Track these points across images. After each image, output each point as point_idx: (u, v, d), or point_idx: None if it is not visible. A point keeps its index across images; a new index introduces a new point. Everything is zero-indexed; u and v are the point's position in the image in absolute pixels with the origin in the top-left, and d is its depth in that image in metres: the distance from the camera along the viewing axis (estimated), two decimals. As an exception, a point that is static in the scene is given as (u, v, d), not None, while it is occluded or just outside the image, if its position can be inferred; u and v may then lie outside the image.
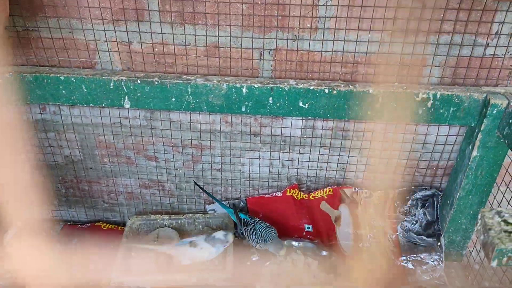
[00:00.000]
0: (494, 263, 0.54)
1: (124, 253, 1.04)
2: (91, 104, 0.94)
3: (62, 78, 0.92)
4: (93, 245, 1.11)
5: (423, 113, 0.91)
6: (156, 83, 0.91)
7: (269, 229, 1.01)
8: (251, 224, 1.02)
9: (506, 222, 0.56)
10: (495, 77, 0.92)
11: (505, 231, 0.55)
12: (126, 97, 0.93)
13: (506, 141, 0.84)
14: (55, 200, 1.17)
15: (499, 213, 0.57)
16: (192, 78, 0.91)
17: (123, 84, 0.91)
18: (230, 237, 0.99)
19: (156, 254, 1.02)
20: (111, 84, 0.91)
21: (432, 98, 0.89)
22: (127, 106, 0.94)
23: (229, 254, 1.00)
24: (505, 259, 0.53)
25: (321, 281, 1.01)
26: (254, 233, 1.00)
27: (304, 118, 1.00)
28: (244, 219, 1.04)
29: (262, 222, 1.03)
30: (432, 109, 0.90)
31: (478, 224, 0.58)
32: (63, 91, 0.93)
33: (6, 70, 0.93)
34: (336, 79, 0.93)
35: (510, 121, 0.83)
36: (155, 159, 1.09)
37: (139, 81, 0.91)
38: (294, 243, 1.08)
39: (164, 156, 1.07)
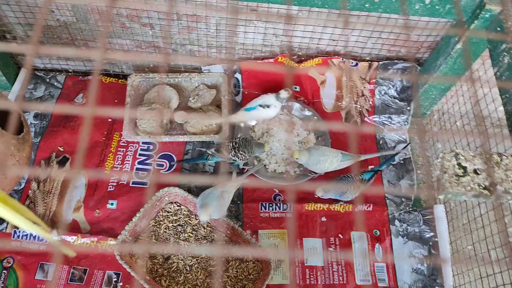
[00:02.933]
0: (441, 197, 0.71)
1: (131, 112, 1.15)
2: (81, -16, 0.90)
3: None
4: (99, 99, 1.21)
5: (420, 8, 0.92)
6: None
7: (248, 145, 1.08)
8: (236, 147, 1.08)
9: (460, 166, 0.70)
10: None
11: (457, 175, 0.69)
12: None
13: (489, 46, 0.90)
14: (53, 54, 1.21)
15: (456, 155, 0.71)
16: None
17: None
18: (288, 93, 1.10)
19: (161, 115, 1.14)
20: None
21: (431, -4, 0.89)
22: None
23: (226, 124, 1.13)
24: (449, 196, 0.70)
25: (302, 138, 1.19)
26: (241, 153, 1.08)
27: None
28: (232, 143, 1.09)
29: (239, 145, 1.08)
30: (429, 6, 0.91)
31: (438, 161, 0.72)
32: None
33: None
34: (339, -33, 0.90)
35: (498, 28, 0.88)
36: (150, 26, 1.09)
37: (131, -35, 0.86)
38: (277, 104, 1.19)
39: (159, 24, 1.08)
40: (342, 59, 1.16)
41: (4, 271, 1.00)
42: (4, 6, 1.05)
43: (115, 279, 1.01)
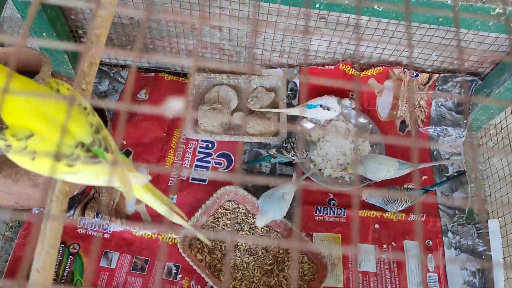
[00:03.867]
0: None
1: (192, 111, 1.19)
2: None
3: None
4: (161, 96, 1.25)
5: (493, 24, 0.93)
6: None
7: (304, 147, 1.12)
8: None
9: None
10: None
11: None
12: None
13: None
14: (119, 50, 1.25)
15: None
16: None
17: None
18: (352, 103, 1.15)
19: (222, 116, 1.18)
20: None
21: (506, 14, 0.90)
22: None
23: (284, 124, 1.16)
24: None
25: (357, 145, 1.21)
26: (300, 152, 1.10)
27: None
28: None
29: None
30: (503, 23, 0.92)
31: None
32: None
33: None
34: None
35: None
36: (219, 29, 1.12)
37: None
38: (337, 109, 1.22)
39: (228, 27, 1.11)
40: (403, 69, 1.18)
41: (70, 257, 1.04)
42: (80, 2, 1.09)
43: (175, 271, 1.04)
